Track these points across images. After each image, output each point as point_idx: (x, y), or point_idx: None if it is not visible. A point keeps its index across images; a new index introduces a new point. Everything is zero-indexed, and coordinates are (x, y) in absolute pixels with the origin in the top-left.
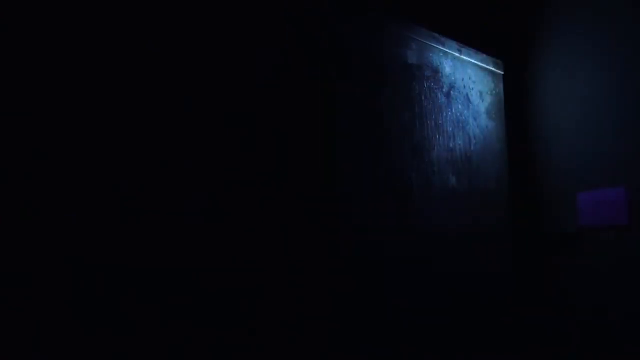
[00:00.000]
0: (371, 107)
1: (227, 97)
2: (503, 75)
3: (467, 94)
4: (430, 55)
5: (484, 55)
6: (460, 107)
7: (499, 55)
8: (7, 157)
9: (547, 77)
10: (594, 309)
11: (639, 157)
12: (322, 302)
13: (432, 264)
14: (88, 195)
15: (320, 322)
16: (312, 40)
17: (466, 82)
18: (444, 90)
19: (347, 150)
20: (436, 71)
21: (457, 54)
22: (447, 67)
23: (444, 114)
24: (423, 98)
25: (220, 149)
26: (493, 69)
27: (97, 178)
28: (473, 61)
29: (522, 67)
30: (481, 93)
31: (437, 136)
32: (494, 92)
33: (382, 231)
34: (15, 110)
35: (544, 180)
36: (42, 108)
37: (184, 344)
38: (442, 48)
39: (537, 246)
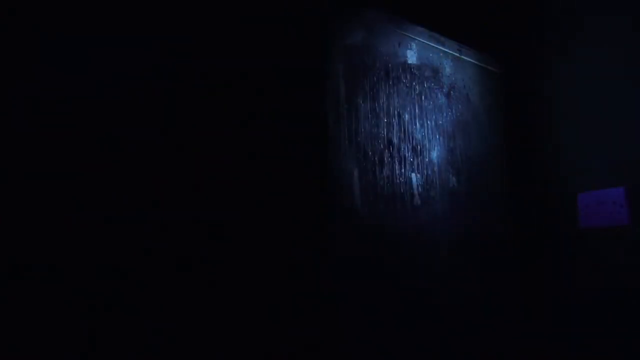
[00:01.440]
0: (371, 107)
1: (226, 97)
2: (503, 75)
3: (467, 94)
4: (430, 55)
5: (484, 55)
6: (460, 107)
7: (499, 55)
8: (7, 157)
9: (547, 77)
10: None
11: (639, 157)
12: (315, 304)
13: (432, 263)
14: (89, 195)
15: (311, 323)
16: (312, 40)
17: (466, 82)
18: (444, 90)
19: (346, 150)
20: (436, 71)
21: (457, 54)
22: (447, 67)
23: (444, 114)
24: (423, 98)
25: (220, 149)
26: (493, 69)
27: (98, 178)
28: (473, 61)
29: (522, 67)
30: (481, 93)
31: (437, 136)
32: (494, 92)
33: (381, 231)
34: (15, 110)
35: (544, 180)
36: (41, 107)
37: (183, 344)
38: (442, 48)
39: (537, 247)
